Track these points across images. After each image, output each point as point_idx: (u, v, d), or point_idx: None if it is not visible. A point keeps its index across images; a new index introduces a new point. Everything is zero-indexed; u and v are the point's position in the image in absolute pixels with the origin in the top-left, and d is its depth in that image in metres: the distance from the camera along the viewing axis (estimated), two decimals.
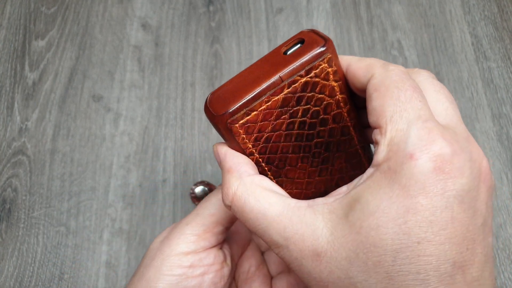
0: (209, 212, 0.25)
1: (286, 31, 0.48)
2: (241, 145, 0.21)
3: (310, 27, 0.48)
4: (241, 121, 0.20)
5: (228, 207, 0.21)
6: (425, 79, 0.21)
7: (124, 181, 0.41)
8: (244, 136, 0.20)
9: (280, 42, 0.47)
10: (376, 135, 0.19)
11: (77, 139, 0.43)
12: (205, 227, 0.25)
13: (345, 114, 0.22)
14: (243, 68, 0.46)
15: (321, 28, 0.47)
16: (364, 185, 0.18)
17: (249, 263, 0.29)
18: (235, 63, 0.46)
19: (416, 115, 0.18)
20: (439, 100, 0.20)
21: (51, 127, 0.44)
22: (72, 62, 0.47)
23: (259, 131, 0.21)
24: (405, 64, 0.45)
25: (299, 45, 0.21)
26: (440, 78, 0.44)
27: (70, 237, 0.39)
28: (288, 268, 0.28)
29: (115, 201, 0.41)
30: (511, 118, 0.42)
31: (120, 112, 0.44)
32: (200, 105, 0.45)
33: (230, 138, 0.21)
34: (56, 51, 0.47)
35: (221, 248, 0.26)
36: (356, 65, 0.21)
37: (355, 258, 0.17)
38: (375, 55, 0.46)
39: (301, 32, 0.21)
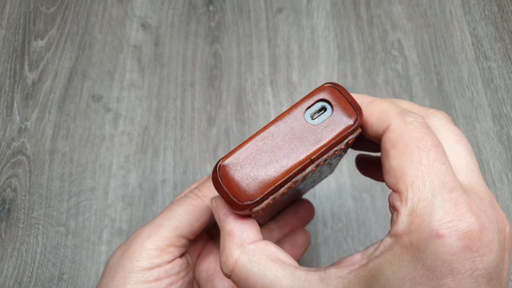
0: (174, 225, 0.23)
1: (286, 31, 0.48)
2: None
3: (310, 28, 0.48)
4: (262, 205, 0.18)
5: (228, 276, 0.19)
6: (443, 125, 0.19)
7: (124, 181, 0.41)
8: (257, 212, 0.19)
9: (280, 42, 0.47)
10: (395, 200, 0.17)
11: (76, 139, 0.43)
12: (169, 241, 0.23)
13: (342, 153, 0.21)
14: (242, 67, 0.46)
15: (321, 28, 0.47)
16: (383, 258, 0.16)
17: (208, 261, 0.28)
18: (235, 63, 0.46)
19: (441, 182, 0.16)
20: (460, 153, 0.18)
21: (50, 127, 0.44)
22: (72, 62, 0.47)
23: (272, 201, 0.19)
24: (405, 64, 0.45)
25: (323, 112, 0.19)
26: (440, 78, 0.44)
27: (70, 237, 0.39)
28: None
29: (115, 201, 0.41)
30: None
31: (120, 112, 0.44)
32: (200, 104, 0.44)
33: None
34: (55, 51, 0.47)
35: (183, 255, 0.25)
36: (367, 110, 0.19)
37: None
38: (375, 55, 0.46)
39: (322, 87, 0.19)
